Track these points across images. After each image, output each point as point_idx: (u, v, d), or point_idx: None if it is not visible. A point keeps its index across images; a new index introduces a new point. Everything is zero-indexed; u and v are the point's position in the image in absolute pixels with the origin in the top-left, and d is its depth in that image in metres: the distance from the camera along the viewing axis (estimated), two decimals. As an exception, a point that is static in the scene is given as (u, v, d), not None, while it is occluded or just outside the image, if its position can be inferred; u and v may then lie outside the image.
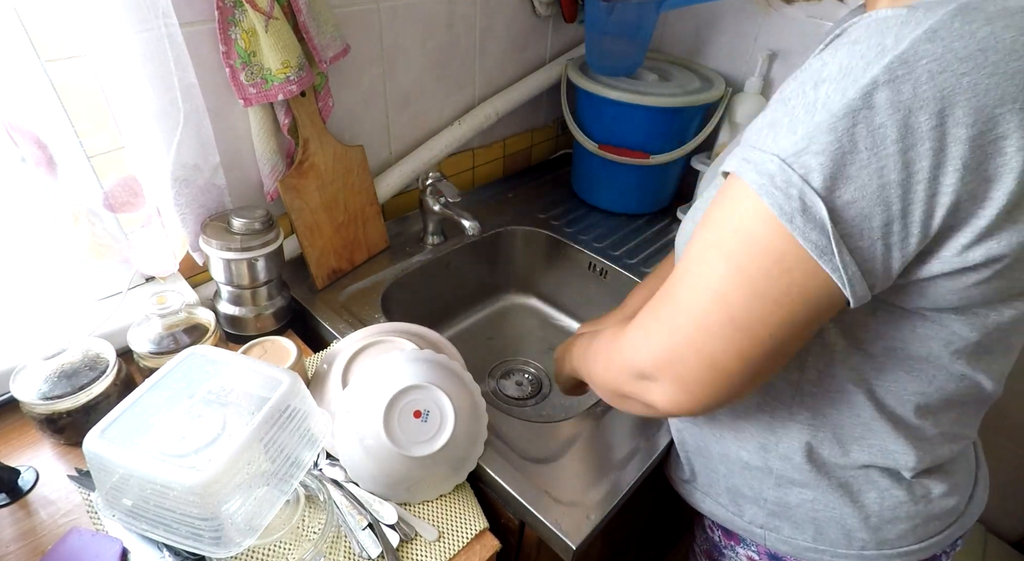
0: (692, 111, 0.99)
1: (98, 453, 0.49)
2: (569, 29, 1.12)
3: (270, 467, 0.52)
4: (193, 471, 0.46)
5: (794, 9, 0.60)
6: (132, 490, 0.50)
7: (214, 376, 0.57)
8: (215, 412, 0.53)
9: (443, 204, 0.91)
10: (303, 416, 0.55)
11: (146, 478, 0.48)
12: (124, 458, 0.48)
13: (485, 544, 0.60)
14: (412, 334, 0.72)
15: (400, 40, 0.87)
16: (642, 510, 0.87)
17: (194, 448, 0.50)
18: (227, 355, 0.59)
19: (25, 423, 0.65)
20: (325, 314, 0.81)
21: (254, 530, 0.51)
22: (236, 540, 0.49)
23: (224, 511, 0.48)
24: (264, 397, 0.53)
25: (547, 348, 1.06)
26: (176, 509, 0.48)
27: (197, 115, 0.66)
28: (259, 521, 0.52)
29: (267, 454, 0.52)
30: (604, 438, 0.67)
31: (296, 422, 0.55)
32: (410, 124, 0.97)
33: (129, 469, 0.48)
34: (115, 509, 0.51)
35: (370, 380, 0.62)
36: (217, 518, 0.47)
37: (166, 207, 0.70)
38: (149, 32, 0.58)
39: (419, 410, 0.59)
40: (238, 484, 0.49)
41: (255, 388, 0.55)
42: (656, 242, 1.04)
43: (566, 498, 0.59)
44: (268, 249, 0.72)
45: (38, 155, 0.61)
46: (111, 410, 0.52)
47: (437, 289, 0.99)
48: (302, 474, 0.56)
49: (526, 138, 1.22)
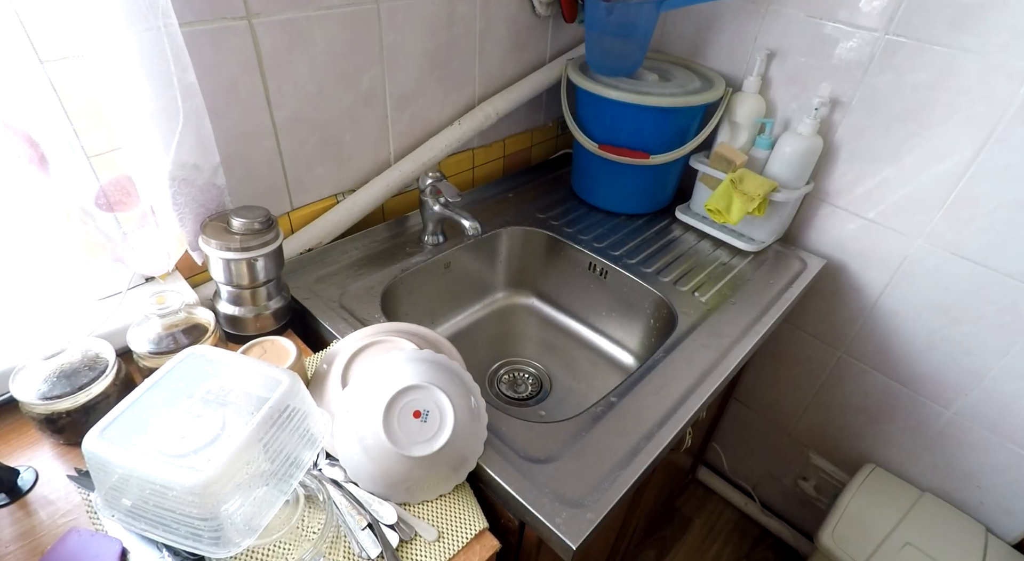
0: (692, 111, 0.99)
1: (97, 453, 0.49)
2: (569, 29, 1.12)
3: (269, 467, 0.52)
4: (192, 471, 0.46)
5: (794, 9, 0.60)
6: (131, 490, 0.50)
7: (213, 376, 0.57)
8: (214, 412, 0.53)
9: (443, 204, 0.91)
10: (303, 416, 0.55)
11: (145, 478, 0.48)
12: (123, 458, 0.48)
13: (485, 544, 0.60)
14: (412, 334, 0.72)
15: (400, 40, 0.87)
16: (642, 510, 0.87)
17: (193, 448, 0.50)
18: (226, 355, 0.59)
19: (25, 423, 0.65)
20: (325, 314, 0.81)
21: (253, 530, 0.51)
22: (235, 540, 0.49)
23: (223, 511, 0.48)
24: (264, 397, 0.53)
25: (547, 348, 1.06)
26: (175, 509, 0.48)
27: (197, 115, 0.66)
28: (258, 521, 0.51)
29: (266, 454, 0.51)
30: (604, 438, 0.67)
31: (296, 422, 0.55)
32: (410, 124, 0.97)
33: (128, 469, 0.48)
34: (115, 509, 0.51)
35: (370, 380, 0.62)
36: (216, 518, 0.47)
37: (161, 206, 0.70)
38: (149, 32, 0.58)
39: (419, 410, 0.59)
40: (237, 484, 0.49)
41: (255, 388, 0.55)
42: (656, 242, 1.04)
43: (566, 498, 0.59)
44: (268, 249, 0.72)
45: (30, 153, 0.61)
46: (110, 410, 0.52)
47: (437, 289, 0.99)
48: (301, 474, 0.56)
49: (526, 138, 1.22)
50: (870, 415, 1.22)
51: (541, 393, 0.98)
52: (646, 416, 0.70)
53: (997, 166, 0.87)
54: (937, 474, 1.18)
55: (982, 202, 0.91)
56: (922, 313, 1.05)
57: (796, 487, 1.43)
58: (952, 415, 1.10)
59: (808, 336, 1.23)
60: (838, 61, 0.95)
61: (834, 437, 1.31)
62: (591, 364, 1.03)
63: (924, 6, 0.84)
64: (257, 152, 0.80)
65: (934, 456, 1.17)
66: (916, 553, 1.07)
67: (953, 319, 1.02)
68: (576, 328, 1.08)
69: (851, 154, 1.00)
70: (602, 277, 1.01)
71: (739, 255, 1.03)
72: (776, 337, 1.27)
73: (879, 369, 1.16)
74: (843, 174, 1.03)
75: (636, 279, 0.95)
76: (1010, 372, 0.99)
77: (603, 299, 1.02)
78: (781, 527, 1.50)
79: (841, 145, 1.01)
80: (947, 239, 0.97)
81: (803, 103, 1.01)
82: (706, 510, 1.59)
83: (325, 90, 0.83)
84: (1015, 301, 0.94)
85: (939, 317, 1.03)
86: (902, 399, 1.15)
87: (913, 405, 1.14)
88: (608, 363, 1.03)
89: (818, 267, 1.03)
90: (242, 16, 0.70)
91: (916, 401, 1.14)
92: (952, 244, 0.97)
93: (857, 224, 1.05)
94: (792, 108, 1.03)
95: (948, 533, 1.11)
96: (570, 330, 1.08)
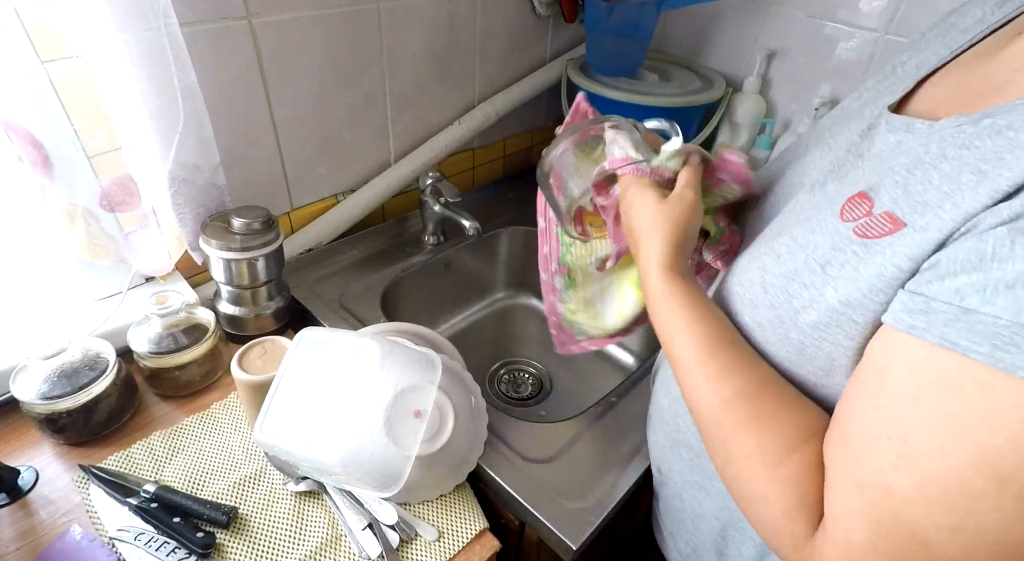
0: (692, 111, 0.99)
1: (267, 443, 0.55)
2: (569, 29, 1.12)
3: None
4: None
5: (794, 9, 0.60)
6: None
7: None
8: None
9: (443, 204, 0.91)
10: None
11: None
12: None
13: (485, 544, 0.60)
14: (412, 334, 0.72)
15: (400, 40, 0.87)
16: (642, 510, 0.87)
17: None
18: (330, 334, 0.62)
19: (25, 423, 0.65)
20: (325, 314, 0.81)
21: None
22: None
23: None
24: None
25: (547, 348, 1.06)
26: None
27: (197, 115, 0.66)
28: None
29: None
30: (604, 438, 0.67)
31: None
32: (410, 124, 0.97)
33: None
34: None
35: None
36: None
37: (162, 207, 0.70)
38: (149, 32, 0.58)
39: (419, 410, 0.59)
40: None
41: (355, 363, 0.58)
42: (656, 242, 1.04)
43: (566, 498, 0.59)
44: (268, 249, 0.72)
45: (33, 154, 0.61)
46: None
47: (437, 289, 0.99)
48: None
49: (526, 138, 1.22)
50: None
51: (541, 393, 0.98)
52: (646, 416, 0.70)
53: (997, 166, 0.87)
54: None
55: (982, 202, 0.91)
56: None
57: (796, 487, 1.42)
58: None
59: (808, 336, 1.23)
60: (838, 61, 0.95)
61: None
62: (591, 364, 1.03)
63: (924, 6, 0.84)
64: (257, 152, 0.80)
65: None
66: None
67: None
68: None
69: (851, 154, 1.00)
70: (602, 277, 1.01)
71: (739, 255, 1.03)
72: (776, 337, 1.27)
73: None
74: (843, 174, 1.03)
75: (636, 279, 0.95)
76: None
77: (603, 299, 1.02)
78: (781, 527, 1.50)
79: (841, 145, 1.01)
80: (947, 239, 0.97)
81: (803, 103, 1.01)
82: (706, 510, 1.58)
83: (325, 90, 0.83)
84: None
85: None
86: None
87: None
88: (608, 363, 1.03)
89: (818, 267, 1.03)
90: (242, 16, 0.70)
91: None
92: (952, 244, 0.96)
93: (857, 224, 1.05)
94: (792, 108, 1.03)
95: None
96: (570, 330, 1.08)
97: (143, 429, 0.66)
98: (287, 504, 0.60)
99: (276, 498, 0.60)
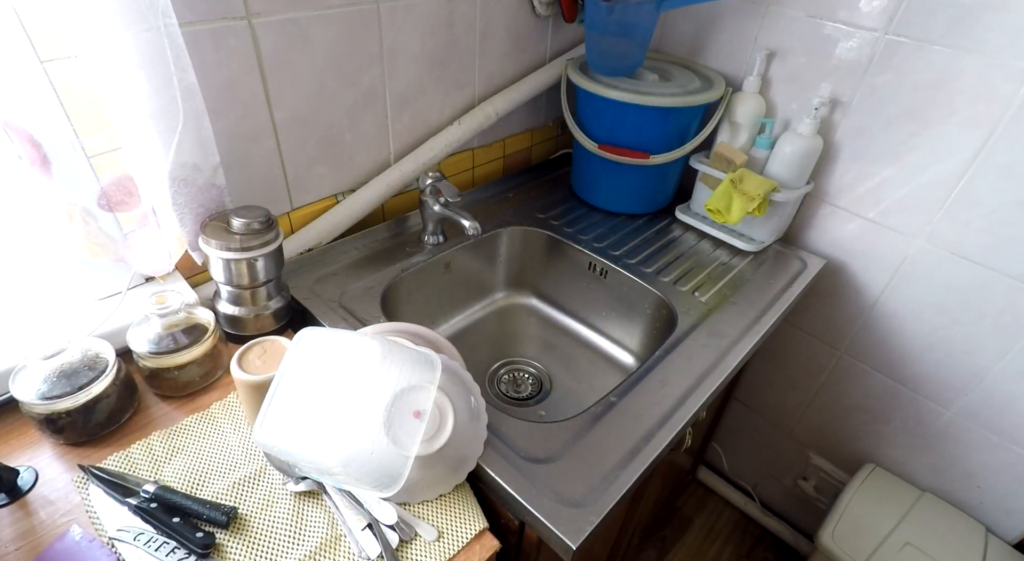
0: (692, 111, 0.99)
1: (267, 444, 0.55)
2: (569, 29, 1.12)
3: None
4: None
5: (794, 9, 0.60)
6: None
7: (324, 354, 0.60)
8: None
9: (443, 204, 0.91)
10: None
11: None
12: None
13: (485, 544, 0.60)
14: (412, 334, 0.72)
15: (400, 40, 0.87)
16: (642, 510, 0.87)
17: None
18: (330, 334, 0.62)
19: (24, 423, 0.65)
20: (325, 314, 0.81)
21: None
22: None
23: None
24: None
25: (547, 348, 1.06)
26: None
27: (197, 115, 0.66)
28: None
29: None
30: (604, 438, 0.67)
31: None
32: (410, 124, 0.97)
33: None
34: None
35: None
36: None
37: (162, 207, 0.70)
38: (149, 31, 0.58)
39: (419, 410, 0.59)
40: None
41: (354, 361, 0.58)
42: (656, 242, 1.04)
43: (566, 498, 0.59)
44: (268, 249, 0.72)
45: (32, 154, 0.61)
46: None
47: (437, 289, 0.99)
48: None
49: (526, 138, 1.22)
50: (870, 415, 1.22)
51: (541, 393, 0.98)
52: (646, 416, 0.70)
53: (997, 166, 0.87)
54: (937, 474, 1.18)
55: (982, 202, 0.91)
56: (922, 313, 1.05)
57: (796, 487, 1.43)
58: (952, 415, 1.10)
59: (808, 336, 1.23)
60: (838, 61, 0.95)
61: (834, 437, 1.31)
62: (591, 364, 1.03)
63: (924, 6, 0.84)
64: (257, 152, 0.80)
65: (934, 456, 1.17)
66: (916, 553, 1.07)
67: (953, 319, 1.02)
68: (576, 328, 1.08)
69: (851, 154, 1.00)
70: (602, 277, 1.01)
71: (739, 255, 1.03)
72: (776, 337, 1.27)
73: (879, 369, 1.16)
74: (843, 174, 1.03)
75: (636, 279, 0.95)
76: (1010, 372, 0.99)
77: (603, 299, 1.02)
78: (781, 527, 1.50)
79: (841, 145, 1.01)
80: (947, 239, 0.97)
81: (803, 103, 1.01)
82: (706, 510, 1.59)
83: (325, 90, 0.83)
84: (1015, 301, 0.94)
85: (939, 317, 1.03)
86: (902, 399, 1.15)
87: (913, 405, 1.14)
88: (608, 363, 1.03)
89: (818, 267, 1.03)
90: (242, 16, 0.70)
91: (916, 401, 1.14)
92: (952, 244, 0.97)
93: (857, 224, 1.05)
94: (792, 108, 1.03)
95: (948, 533, 1.11)
96: (570, 330, 1.08)
97: (143, 429, 0.66)
98: (287, 504, 0.60)
99: (276, 498, 0.60)
